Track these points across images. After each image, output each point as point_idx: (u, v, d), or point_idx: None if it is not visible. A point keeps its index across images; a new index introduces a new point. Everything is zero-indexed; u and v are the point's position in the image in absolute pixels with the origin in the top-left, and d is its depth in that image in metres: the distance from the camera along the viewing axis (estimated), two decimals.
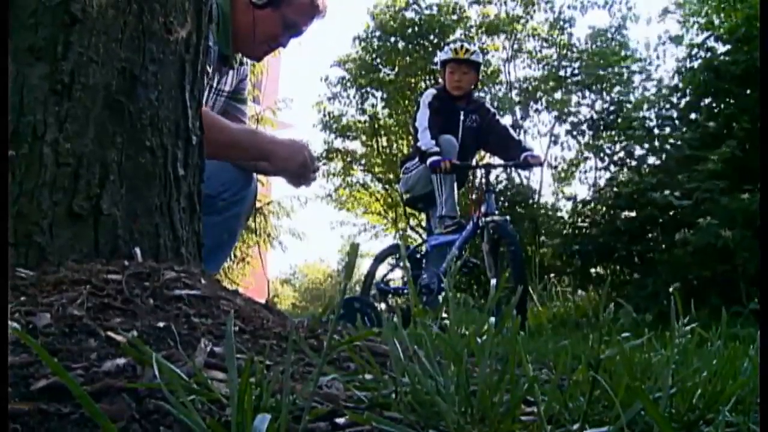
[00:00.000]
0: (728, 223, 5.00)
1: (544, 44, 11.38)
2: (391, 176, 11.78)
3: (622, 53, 9.60)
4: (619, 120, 6.97)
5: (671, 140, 6.54)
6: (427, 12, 11.37)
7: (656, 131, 6.75)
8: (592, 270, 6.85)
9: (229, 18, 2.29)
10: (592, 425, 0.76)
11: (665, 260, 5.48)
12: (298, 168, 2.27)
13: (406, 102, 11.46)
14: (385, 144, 12.51)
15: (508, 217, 4.36)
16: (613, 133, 7.21)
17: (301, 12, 2.36)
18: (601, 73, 8.86)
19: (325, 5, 2.42)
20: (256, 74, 8.87)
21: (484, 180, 4.47)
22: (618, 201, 6.34)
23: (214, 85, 2.37)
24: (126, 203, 1.28)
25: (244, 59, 2.53)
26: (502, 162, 4.86)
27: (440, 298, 4.28)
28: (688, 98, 6.70)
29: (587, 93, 9.47)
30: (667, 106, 6.90)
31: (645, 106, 7.15)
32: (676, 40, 7.22)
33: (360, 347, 1.00)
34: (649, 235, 6.06)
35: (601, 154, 7.68)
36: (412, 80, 11.42)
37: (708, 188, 5.33)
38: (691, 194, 5.40)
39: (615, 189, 6.51)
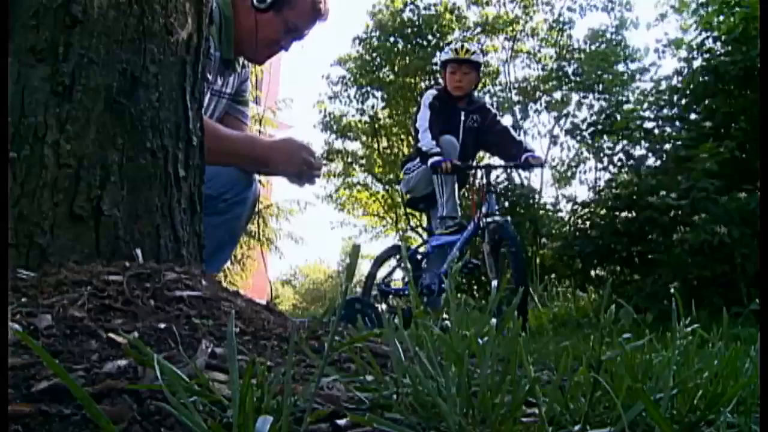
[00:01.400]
0: (725, 221, 5.00)
1: (543, 45, 11.40)
2: (392, 177, 11.79)
3: (621, 54, 9.60)
4: (618, 119, 6.96)
5: (671, 140, 6.54)
6: (425, 12, 11.38)
7: (655, 131, 6.75)
8: (593, 271, 6.84)
9: (231, 22, 2.29)
10: (593, 426, 0.76)
11: (665, 261, 5.47)
12: (298, 169, 2.28)
13: (407, 102, 11.46)
14: (385, 144, 12.51)
15: (509, 218, 4.35)
16: (613, 133, 7.21)
17: (303, 15, 2.36)
18: (600, 73, 8.85)
19: (327, 9, 2.42)
20: (256, 74, 8.87)
21: (484, 180, 4.46)
22: (617, 202, 6.34)
23: (216, 88, 2.37)
24: (127, 204, 1.28)
25: (246, 61, 2.54)
26: (502, 162, 4.85)
27: (441, 299, 4.27)
28: (687, 99, 6.70)
29: (587, 94, 9.47)
30: (667, 106, 6.90)
31: (644, 106, 7.15)
32: (675, 43, 7.23)
33: (361, 348, 1.00)
34: (649, 236, 6.06)
35: (601, 155, 7.68)
36: (412, 81, 11.42)
37: (703, 187, 5.33)
38: (687, 193, 5.40)
39: (615, 190, 6.50)
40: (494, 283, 4.04)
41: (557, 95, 10.29)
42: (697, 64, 6.58)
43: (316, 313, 10.34)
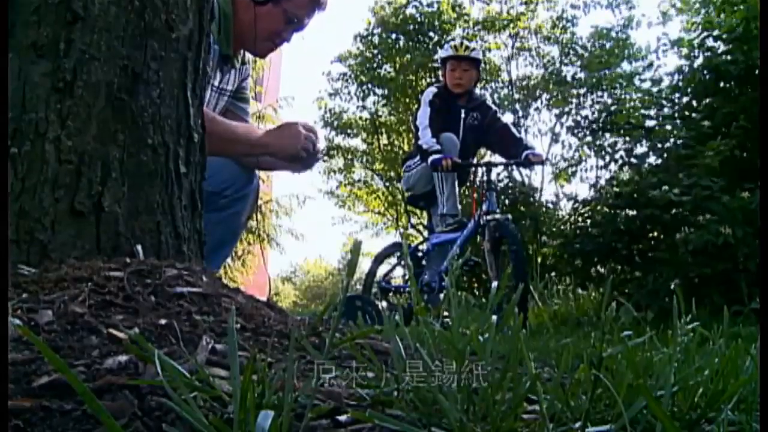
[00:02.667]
0: (729, 221, 5.00)
1: (546, 42, 11.37)
2: (392, 174, 11.78)
3: (625, 53, 9.58)
4: (620, 113, 6.95)
5: (671, 139, 6.53)
6: (427, 9, 11.36)
7: (657, 129, 6.74)
8: (593, 269, 6.84)
9: (230, 18, 2.29)
10: (594, 424, 0.76)
11: (666, 259, 5.47)
12: (299, 148, 2.27)
13: (407, 99, 11.45)
14: (386, 141, 12.50)
15: (509, 216, 4.35)
16: (614, 131, 7.21)
17: (302, 6, 2.36)
18: (604, 74, 8.84)
19: None
20: (258, 71, 8.87)
21: (485, 178, 4.46)
22: (618, 200, 6.34)
23: (216, 84, 2.37)
24: (128, 201, 1.28)
25: (247, 58, 2.53)
26: (503, 160, 4.84)
27: (441, 296, 4.27)
28: (688, 97, 6.69)
29: (589, 93, 9.45)
30: (668, 105, 6.90)
31: (645, 104, 7.14)
32: (677, 43, 7.22)
33: (362, 345, 1.00)
34: (651, 234, 6.06)
35: (602, 153, 7.67)
36: (413, 78, 11.40)
37: (706, 185, 5.33)
38: (690, 191, 5.40)
39: (616, 188, 6.50)
40: (495, 281, 4.04)
41: (559, 94, 10.26)
42: (698, 63, 6.57)
43: (316, 310, 10.34)
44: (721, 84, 6.29)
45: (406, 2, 11.50)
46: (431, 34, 11.27)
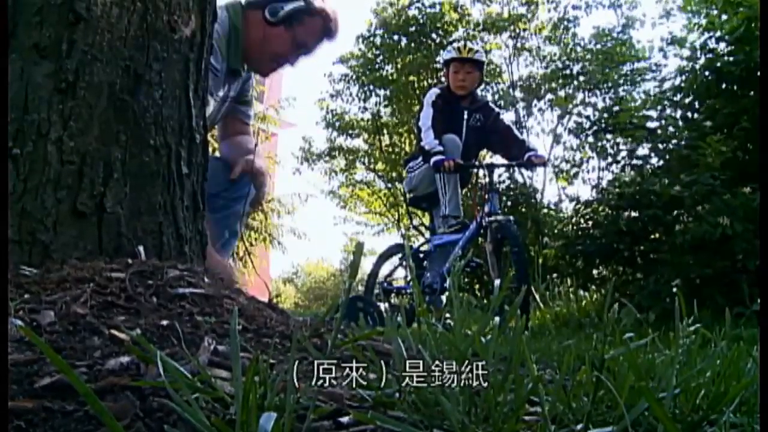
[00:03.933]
0: (728, 214, 4.99)
1: (548, 42, 11.35)
2: (394, 175, 11.77)
3: (627, 53, 9.56)
4: (621, 112, 6.94)
5: (674, 140, 6.53)
6: (429, 10, 11.35)
7: (659, 131, 6.73)
8: (595, 270, 6.83)
9: (241, 33, 2.30)
10: (595, 425, 0.76)
11: (667, 260, 5.46)
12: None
13: (409, 100, 11.44)
14: (387, 142, 12.49)
15: (511, 217, 4.34)
16: (616, 132, 7.20)
17: (313, 33, 2.38)
18: (607, 72, 8.83)
19: (337, 28, 2.43)
20: None
21: (487, 179, 4.45)
22: (620, 201, 6.33)
23: (220, 95, 2.38)
24: (130, 201, 1.28)
25: None
26: (505, 161, 4.84)
27: (443, 297, 4.27)
28: (690, 98, 6.68)
29: (591, 93, 9.44)
30: (671, 106, 6.89)
31: (648, 105, 7.13)
32: (680, 42, 7.20)
33: (364, 346, 1.00)
34: (652, 235, 6.04)
35: (604, 154, 7.66)
36: (415, 79, 11.39)
37: (707, 182, 5.32)
38: (690, 187, 5.39)
39: (618, 189, 6.49)
40: (496, 282, 4.03)
41: (561, 93, 10.25)
42: (700, 63, 6.56)
43: (317, 311, 10.34)
44: (724, 85, 6.28)
45: (408, 3, 11.50)
46: (433, 35, 11.26)
